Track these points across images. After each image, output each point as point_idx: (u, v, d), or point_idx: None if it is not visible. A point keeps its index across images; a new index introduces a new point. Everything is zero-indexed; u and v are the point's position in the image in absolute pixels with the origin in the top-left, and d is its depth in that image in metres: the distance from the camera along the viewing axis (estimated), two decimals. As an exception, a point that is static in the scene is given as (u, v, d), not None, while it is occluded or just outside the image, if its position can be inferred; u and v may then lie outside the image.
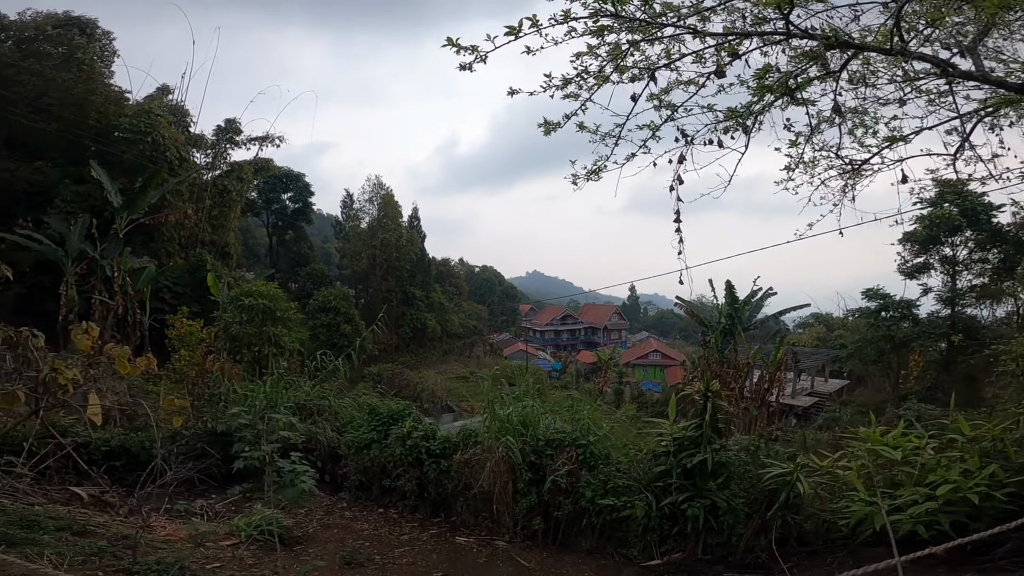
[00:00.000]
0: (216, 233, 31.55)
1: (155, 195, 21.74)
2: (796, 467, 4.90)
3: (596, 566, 4.72)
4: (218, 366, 10.69)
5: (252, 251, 51.61)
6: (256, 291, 19.35)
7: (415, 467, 5.96)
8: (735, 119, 4.14)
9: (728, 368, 23.91)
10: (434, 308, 48.99)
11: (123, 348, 6.82)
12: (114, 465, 7.24)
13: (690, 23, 3.68)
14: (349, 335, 29.22)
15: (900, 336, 31.65)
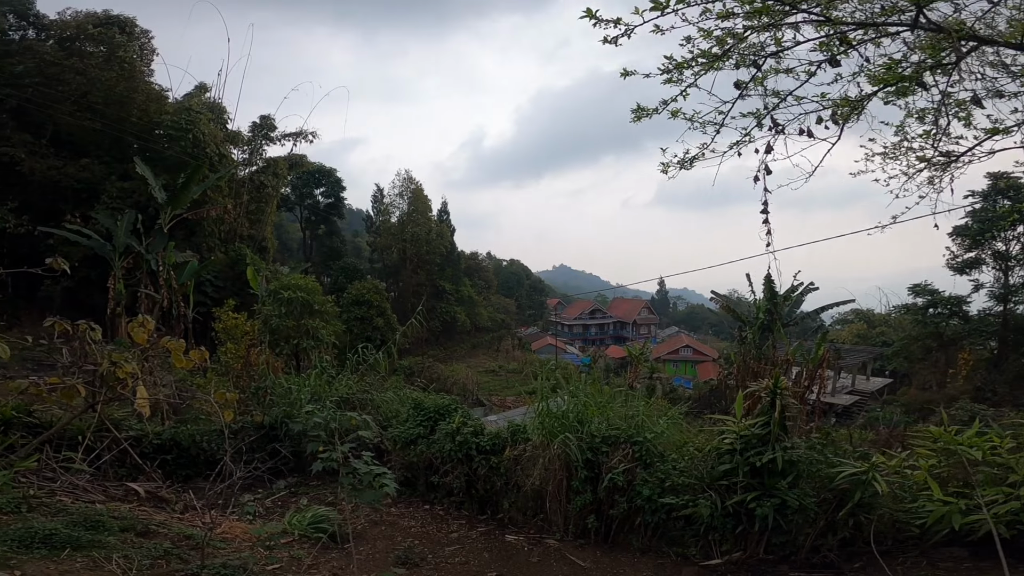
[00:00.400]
0: (253, 228, 32.25)
1: (197, 190, 22.31)
2: (871, 466, 4.70)
3: (653, 565, 4.60)
4: (263, 359, 10.87)
5: (285, 245, 52.71)
6: (294, 284, 19.71)
7: (464, 463, 5.92)
8: (847, 106, 3.90)
9: (765, 365, 23.32)
10: (463, 302, 49.25)
11: (179, 341, 6.95)
12: (165, 459, 7.32)
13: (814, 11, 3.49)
14: (382, 328, 29.57)
15: (949, 334, 30.39)
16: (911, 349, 32.27)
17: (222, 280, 27.91)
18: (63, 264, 7.22)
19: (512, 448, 5.97)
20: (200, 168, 22.07)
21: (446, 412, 6.77)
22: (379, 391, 9.70)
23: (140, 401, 6.59)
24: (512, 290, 77.72)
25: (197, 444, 7.62)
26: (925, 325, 31.30)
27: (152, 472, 6.52)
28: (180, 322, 21.29)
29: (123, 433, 6.68)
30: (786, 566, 4.51)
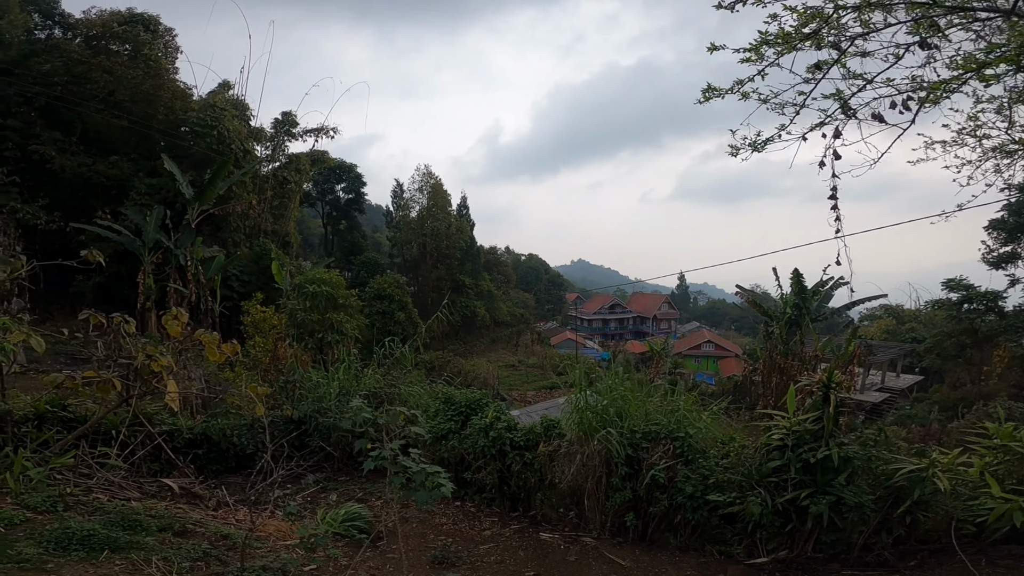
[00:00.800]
0: (277, 223, 32.62)
1: (223, 186, 22.58)
2: (931, 463, 4.49)
3: (696, 564, 4.45)
4: (292, 353, 10.92)
5: (306, 240, 53.30)
6: (319, 278, 19.85)
7: (497, 459, 5.82)
8: (939, 88, 3.69)
9: (793, 361, 22.80)
10: (483, 296, 49.24)
11: (213, 334, 6.96)
12: (196, 453, 7.33)
13: None
14: (403, 322, 29.69)
15: (984, 330, 29.36)
16: (944, 346, 31.26)
17: (247, 275, 28.30)
18: (98, 256, 7.27)
19: (546, 444, 5.86)
20: (226, 164, 22.34)
21: (478, 407, 6.67)
22: (406, 385, 9.66)
23: (170, 395, 6.62)
24: (531, 284, 77.57)
25: (228, 439, 7.62)
26: (959, 321, 30.29)
27: (185, 467, 6.55)
28: (208, 316, 21.65)
29: (156, 428, 6.71)
30: (837, 564, 4.34)
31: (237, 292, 26.78)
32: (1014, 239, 28.54)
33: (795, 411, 4.84)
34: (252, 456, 7.51)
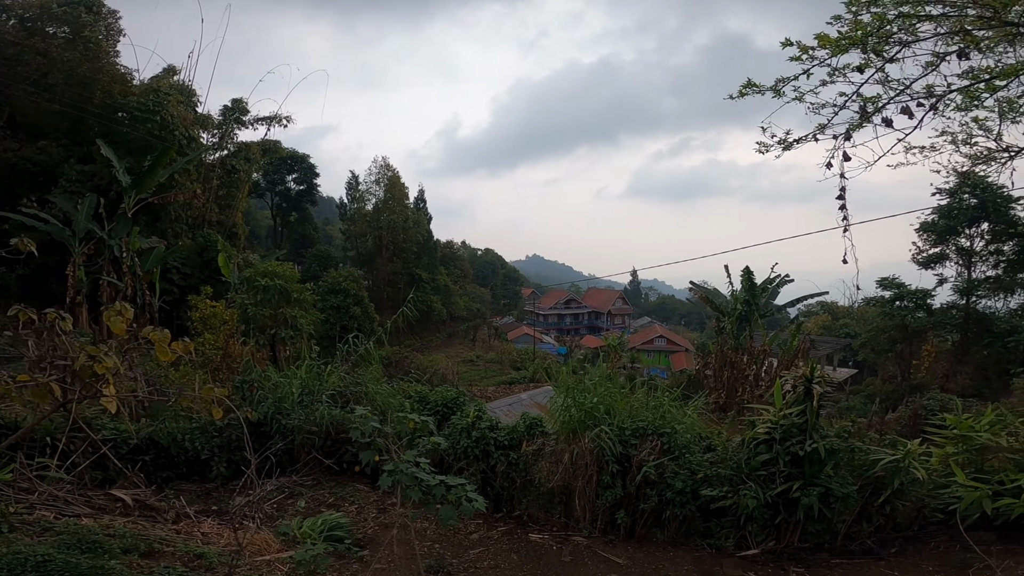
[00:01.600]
0: (223, 214, 30.99)
1: (163, 174, 21.19)
2: (907, 454, 4.65)
3: (692, 558, 4.45)
4: (247, 350, 10.31)
5: (253, 233, 50.98)
6: (271, 272, 18.96)
7: (481, 460, 5.62)
8: (969, 95, 3.78)
9: (742, 355, 23.67)
10: (439, 291, 48.66)
11: (163, 332, 6.41)
12: (143, 460, 6.81)
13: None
14: (359, 317, 28.88)
15: (914, 326, 31.45)
16: (878, 340, 33.30)
17: (190, 267, 26.74)
18: (29, 245, 6.56)
19: (529, 443, 5.72)
20: (168, 151, 20.95)
21: (456, 405, 6.44)
22: (372, 384, 9.29)
23: (106, 399, 6.05)
24: (487, 279, 77.36)
25: (178, 444, 7.11)
26: (891, 317, 32.30)
27: (133, 476, 6.00)
28: (146, 311, 20.29)
29: (98, 434, 6.12)
30: (825, 553, 4.44)
31: (178, 286, 25.26)
32: (943, 241, 30.65)
33: (780, 405, 4.91)
34: (207, 462, 7.02)
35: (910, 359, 31.75)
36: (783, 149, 4.43)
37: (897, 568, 4.11)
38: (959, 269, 31.45)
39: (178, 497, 5.54)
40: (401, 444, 4.12)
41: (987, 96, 4.05)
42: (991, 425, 5.45)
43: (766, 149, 4.47)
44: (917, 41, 3.70)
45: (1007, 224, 28.70)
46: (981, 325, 29.71)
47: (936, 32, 3.60)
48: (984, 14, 3.39)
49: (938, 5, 3.41)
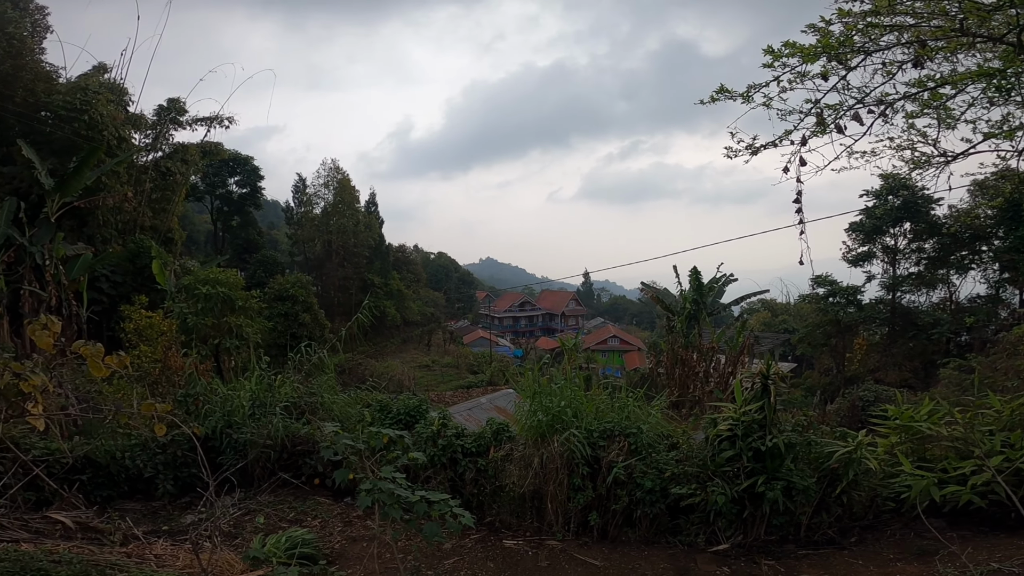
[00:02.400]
0: (157, 218, 29.21)
1: (91, 176, 19.78)
2: (859, 445, 4.85)
3: (666, 556, 4.49)
4: (190, 362, 9.68)
5: (191, 238, 48.38)
6: (213, 279, 17.98)
7: (449, 468, 5.48)
8: (937, 101, 3.96)
9: (692, 353, 24.43)
10: (392, 295, 47.75)
11: (96, 346, 5.93)
12: (80, 479, 6.34)
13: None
14: (309, 325, 27.88)
15: (846, 321, 33.48)
16: (814, 335, 35.21)
17: (121, 275, 25.02)
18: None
19: (496, 449, 5.62)
20: (95, 152, 19.54)
21: (419, 413, 6.26)
22: (329, 394, 8.94)
23: (33, 417, 5.57)
24: (440, 283, 76.59)
25: (118, 461, 6.68)
26: (825, 313, 34.24)
27: (71, 497, 5.53)
28: (73, 323, 18.79)
29: (28, 454, 5.60)
30: (791, 545, 4.58)
31: (108, 295, 23.60)
32: (870, 240, 32.75)
33: (742, 402, 5.04)
34: (151, 480, 6.61)
35: (844, 352, 33.77)
36: (751, 154, 4.57)
37: (860, 557, 4.28)
38: (885, 266, 33.79)
39: (123, 518, 5.13)
40: (373, 459, 3.93)
41: (936, 103, 4.32)
42: (930, 415, 5.78)
43: (735, 154, 4.60)
44: (879, 50, 3.91)
45: (927, 224, 31.08)
46: (906, 319, 31.97)
47: (898, 41, 3.81)
48: (943, 24, 3.61)
49: (906, 16, 3.62)
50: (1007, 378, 8.25)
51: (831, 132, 4.25)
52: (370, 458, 3.59)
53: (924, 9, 3.58)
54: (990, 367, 9.99)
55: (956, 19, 3.56)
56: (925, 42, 3.69)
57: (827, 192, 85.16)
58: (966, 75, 3.95)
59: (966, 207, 30.00)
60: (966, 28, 3.51)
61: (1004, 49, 3.75)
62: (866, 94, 4.19)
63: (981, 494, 4.66)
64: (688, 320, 28.62)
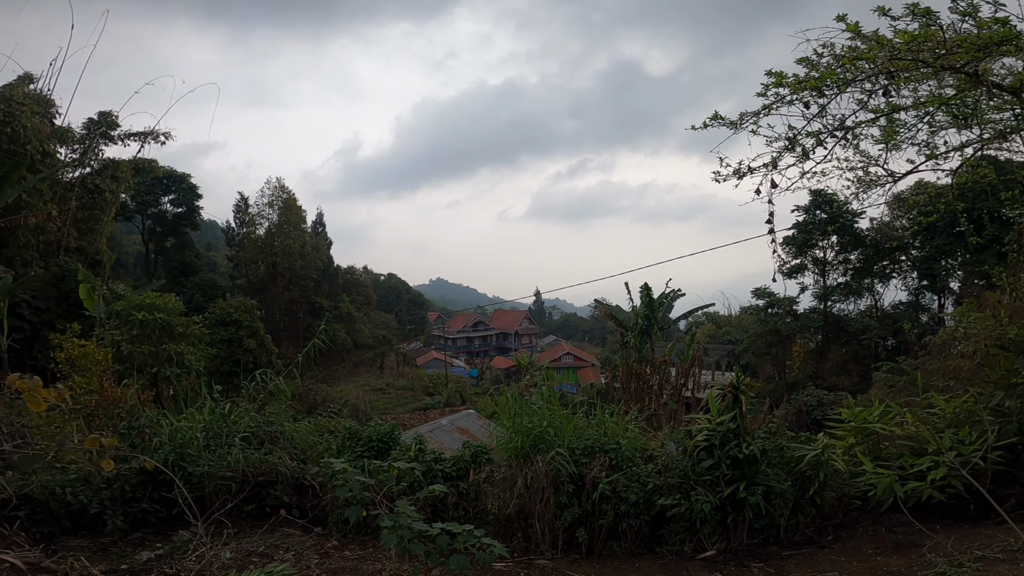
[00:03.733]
0: (84, 239, 27.25)
1: (11, 194, 18.21)
2: (826, 448, 5.06)
3: (657, 566, 4.50)
4: (133, 393, 8.97)
5: (119, 261, 45.41)
6: (150, 304, 16.90)
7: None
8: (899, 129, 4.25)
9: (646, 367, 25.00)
10: (342, 318, 46.38)
11: (33, 379, 5.44)
12: (16, 516, 5.82)
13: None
14: (255, 350, 26.59)
15: (784, 330, 35.36)
16: (756, 345, 36.93)
17: (43, 300, 23.09)
18: None
19: (476, 471, 5.51)
20: (17, 167, 18.03)
21: (392, 440, 6.05)
22: (289, 422, 8.53)
23: None
24: (391, 305, 75.17)
25: (58, 497, 6.15)
26: (765, 323, 36.06)
27: (13, 535, 5.02)
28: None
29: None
30: (775, 547, 4.69)
31: (29, 322, 21.74)
32: (802, 253, 34.87)
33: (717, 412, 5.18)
34: (97, 516, 6.11)
35: (784, 360, 35.59)
36: (738, 179, 4.80)
37: (842, 554, 4.45)
38: (816, 277, 36.08)
39: (77, 557, 4.66)
40: (381, 493, 3.73)
41: (902, 130, 4.72)
42: (882, 416, 6.13)
43: (722, 179, 4.81)
44: (855, 81, 4.23)
45: (852, 236, 33.49)
46: (838, 326, 34.11)
47: (870, 70, 4.14)
48: (908, 57, 3.96)
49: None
50: (942, 379, 8.84)
51: (800, 157, 4.55)
52: (379, 492, 3.41)
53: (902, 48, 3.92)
54: (923, 368, 10.72)
55: (928, 53, 3.93)
56: (894, 74, 4.04)
57: (760, 206, 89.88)
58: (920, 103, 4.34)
59: (886, 220, 32.60)
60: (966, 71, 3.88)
61: (959, 78, 4.16)
62: (841, 121, 4.52)
63: (940, 488, 4.94)
64: (641, 335, 29.36)
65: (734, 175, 4.82)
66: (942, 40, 3.73)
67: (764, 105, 4.35)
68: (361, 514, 3.23)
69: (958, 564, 3.66)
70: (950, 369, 9.08)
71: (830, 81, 4.16)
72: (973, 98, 4.45)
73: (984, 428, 5.36)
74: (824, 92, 4.28)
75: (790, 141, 4.56)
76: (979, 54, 3.74)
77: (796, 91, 4.19)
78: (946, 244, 28.41)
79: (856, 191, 5.58)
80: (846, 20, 3.90)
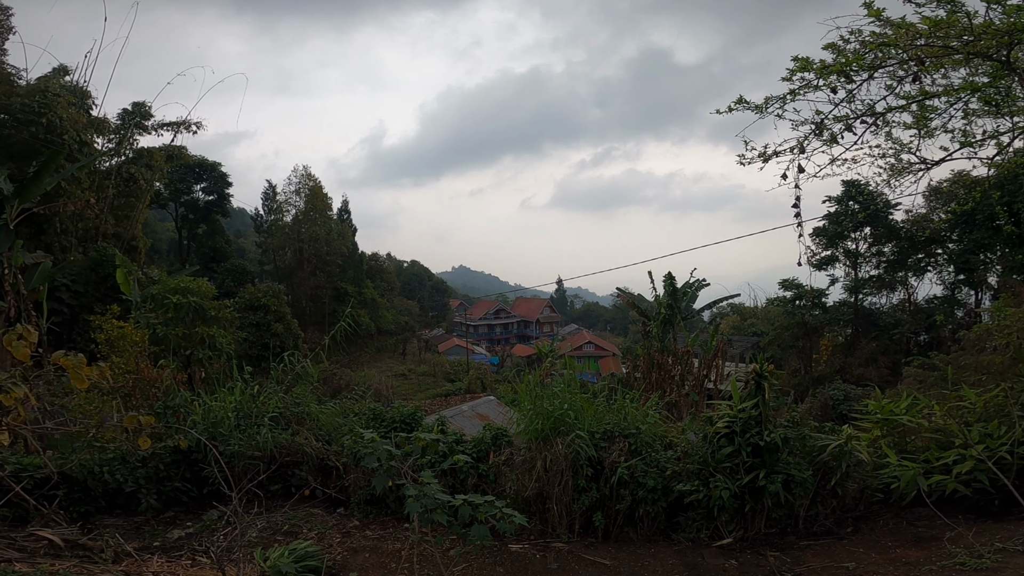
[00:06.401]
0: (120, 226, 28.20)
1: (51, 182, 18.95)
2: (849, 438, 5.02)
3: (672, 552, 4.55)
4: (168, 374, 9.34)
5: (154, 246, 46.83)
6: (184, 288, 17.44)
7: (449, 474, 5.43)
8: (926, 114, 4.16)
9: (668, 357, 24.82)
10: (366, 304, 47.08)
11: (77, 356, 5.70)
12: (55, 494, 6.11)
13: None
14: (282, 335, 27.25)
15: (812, 323, 34.61)
16: (782, 337, 36.25)
17: (82, 285, 24.04)
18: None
19: (496, 453, 5.61)
20: (55, 156, 18.71)
21: (414, 421, 6.19)
22: (314, 404, 8.78)
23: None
24: (414, 292, 75.95)
25: (96, 476, 6.44)
26: (792, 315, 35.34)
27: (52, 513, 5.30)
28: (32, 335, 17.91)
29: (5, 470, 5.35)
30: (793, 536, 4.70)
31: (68, 305, 22.66)
32: (832, 244, 33.97)
33: (739, 398, 5.17)
34: (132, 494, 6.39)
35: (811, 353, 34.87)
36: (763, 162, 4.75)
37: (860, 545, 4.43)
38: (847, 270, 35.16)
39: (112, 534, 4.92)
40: (407, 465, 3.86)
41: (931, 115, 4.59)
42: (909, 408, 6.03)
43: (747, 162, 4.77)
44: (882, 66, 4.14)
45: (886, 228, 32.46)
46: (869, 320, 33.23)
47: (899, 59, 4.04)
48: (936, 43, 3.85)
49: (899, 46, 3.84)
50: (974, 373, 8.62)
51: (828, 143, 4.47)
52: (404, 464, 3.52)
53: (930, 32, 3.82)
54: (955, 363, 10.44)
55: (955, 38, 3.81)
56: (924, 60, 3.93)
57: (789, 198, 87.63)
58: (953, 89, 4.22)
59: (923, 212, 31.49)
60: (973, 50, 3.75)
61: (991, 65, 4.03)
62: (871, 106, 4.41)
63: (965, 482, 4.86)
64: (663, 325, 29.08)
65: (759, 158, 4.76)
66: (968, 26, 3.60)
67: (790, 90, 4.27)
68: (387, 483, 3.35)
69: (978, 555, 3.62)
70: (983, 364, 8.84)
71: (856, 66, 4.06)
72: (1006, 85, 4.30)
73: (1013, 422, 5.25)
74: (852, 78, 4.18)
75: (817, 126, 4.47)
76: (1004, 40, 3.60)
77: (822, 76, 4.10)
78: (984, 237, 27.33)
79: (887, 178, 5.45)
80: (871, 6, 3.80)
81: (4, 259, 17.05)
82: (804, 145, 4.54)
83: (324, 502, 6.90)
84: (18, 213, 18.00)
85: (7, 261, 16.96)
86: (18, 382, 5.01)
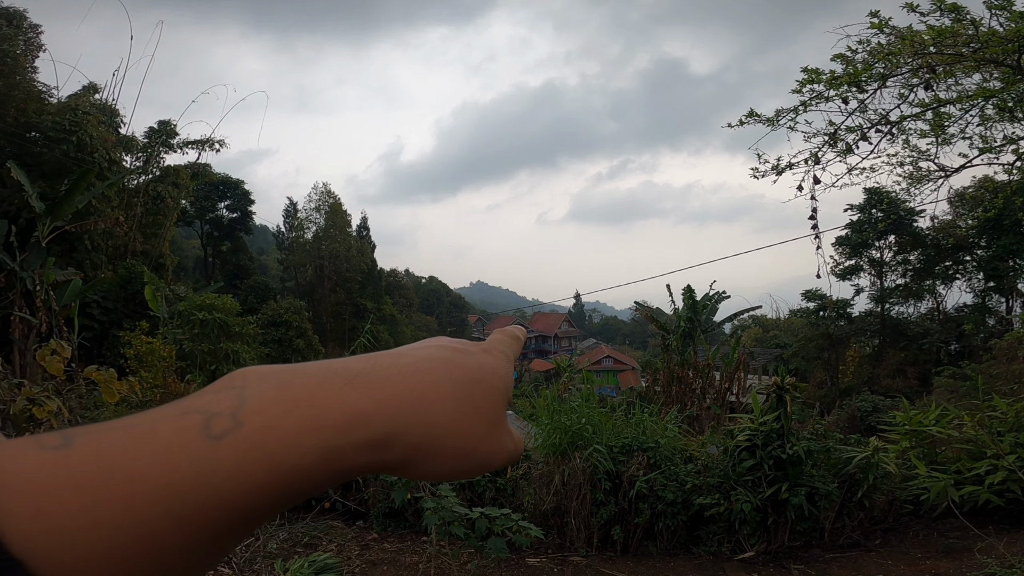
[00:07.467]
0: (148, 243, 29.00)
1: (82, 200, 19.64)
2: (875, 450, 4.91)
3: (693, 566, 4.48)
4: (194, 388, 9.56)
5: (180, 264, 48.05)
6: (209, 304, 17.86)
7: (467, 488, 5.44)
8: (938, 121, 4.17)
9: (688, 370, 24.45)
10: (386, 320, 47.46)
11: (109, 371, 5.89)
12: None
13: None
14: (303, 350, 27.59)
15: (837, 334, 33.87)
16: (807, 349, 35.52)
17: (112, 301, 24.71)
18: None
19: (514, 467, 5.60)
20: (86, 175, 19.43)
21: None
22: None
23: None
24: (432, 308, 76.45)
25: None
26: (817, 327, 34.66)
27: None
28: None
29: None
30: (818, 549, 4.59)
31: (99, 321, 23.27)
32: (856, 254, 33.34)
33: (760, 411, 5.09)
34: None
35: (837, 365, 34.07)
36: (777, 174, 4.75)
37: (888, 557, 4.31)
38: (872, 279, 34.41)
39: None
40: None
41: (946, 123, 4.54)
42: (938, 419, 5.87)
43: (760, 176, 4.77)
44: (895, 75, 4.12)
45: (911, 236, 31.77)
46: (896, 330, 32.40)
47: (909, 65, 4.03)
48: (945, 51, 3.84)
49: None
50: (1006, 383, 8.36)
51: (842, 153, 4.44)
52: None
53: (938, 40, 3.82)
54: (986, 373, 10.13)
55: (964, 46, 3.79)
56: (935, 67, 3.91)
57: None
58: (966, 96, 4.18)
59: (948, 219, 30.77)
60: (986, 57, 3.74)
61: (1003, 71, 3.98)
62: (884, 115, 4.39)
63: (998, 493, 4.72)
64: (683, 338, 28.76)
65: (773, 171, 4.75)
66: (973, 34, 3.57)
67: (801, 102, 4.27)
68: (406, 496, 3.37)
69: (1008, 565, 3.49)
70: (1015, 373, 8.57)
71: (865, 76, 4.05)
72: (1019, 90, 4.23)
73: (1048, 433, 5.09)
74: (863, 88, 4.16)
75: (830, 136, 4.45)
76: (1009, 47, 3.56)
77: (832, 87, 4.10)
78: (1013, 243, 26.57)
79: (907, 186, 5.37)
80: (878, 16, 3.81)
81: (36, 276, 17.67)
82: (818, 156, 4.52)
83: (344, 514, 6.94)
84: (50, 231, 18.70)
85: (39, 278, 17.58)
86: (51, 395, 5.19)
